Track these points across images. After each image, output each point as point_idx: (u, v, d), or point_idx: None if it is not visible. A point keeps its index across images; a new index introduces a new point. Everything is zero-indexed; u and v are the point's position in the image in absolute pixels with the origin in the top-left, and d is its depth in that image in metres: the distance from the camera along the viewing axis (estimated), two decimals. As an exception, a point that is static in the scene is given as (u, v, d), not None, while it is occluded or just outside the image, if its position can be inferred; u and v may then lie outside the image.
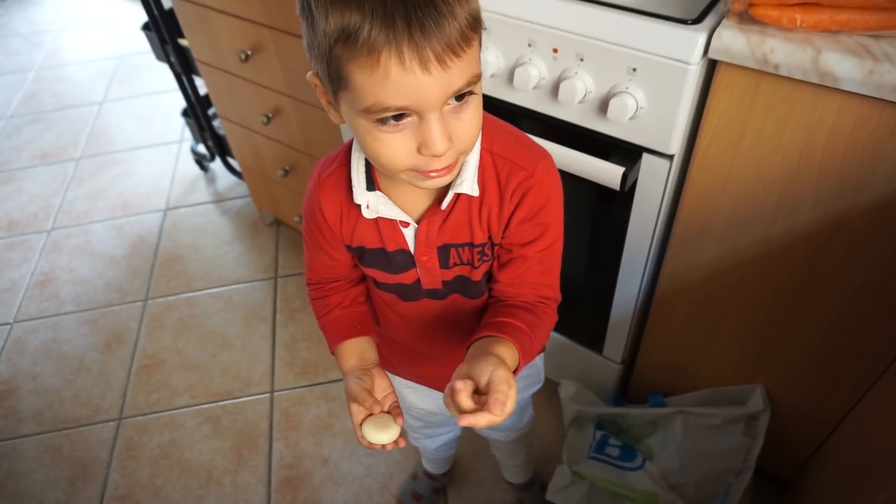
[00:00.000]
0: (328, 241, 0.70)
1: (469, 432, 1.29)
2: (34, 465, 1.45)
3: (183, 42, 1.66)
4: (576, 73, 0.84)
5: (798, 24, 0.68)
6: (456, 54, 0.48)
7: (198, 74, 1.66)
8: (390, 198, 0.64)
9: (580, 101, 0.85)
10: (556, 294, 0.70)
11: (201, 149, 2.07)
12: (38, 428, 1.52)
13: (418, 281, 0.70)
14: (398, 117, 0.51)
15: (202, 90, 1.81)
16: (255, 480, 1.38)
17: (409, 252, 0.67)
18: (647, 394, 1.24)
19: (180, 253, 1.91)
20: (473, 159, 0.62)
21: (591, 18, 0.79)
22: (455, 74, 0.49)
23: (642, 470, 1.14)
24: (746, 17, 0.72)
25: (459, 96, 0.52)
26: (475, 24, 0.50)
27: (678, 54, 0.75)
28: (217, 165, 2.16)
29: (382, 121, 0.51)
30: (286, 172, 1.57)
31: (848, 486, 0.90)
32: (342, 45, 0.48)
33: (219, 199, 2.07)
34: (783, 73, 0.70)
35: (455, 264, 0.68)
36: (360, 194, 0.64)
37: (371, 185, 0.64)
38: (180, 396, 1.55)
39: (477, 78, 0.52)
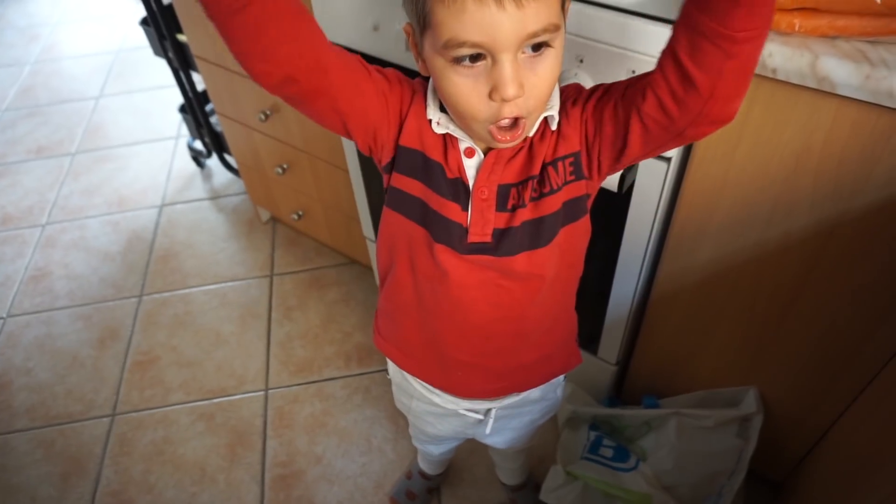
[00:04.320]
0: (397, 105, 0.63)
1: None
2: (26, 460, 1.44)
3: (181, 38, 1.65)
4: (575, 74, 0.84)
5: (796, 28, 0.69)
6: None
7: (196, 70, 1.65)
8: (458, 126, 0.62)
9: (579, 103, 0.86)
10: None
11: (198, 145, 2.07)
12: (31, 423, 1.51)
13: (465, 229, 0.64)
14: (473, 58, 0.53)
15: (200, 86, 1.81)
16: (249, 478, 1.37)
17: (468, 185, 0.63)
18: (641, 395, 1.24)
19: (176, 249, 1.90)
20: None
21: (591, 20, 0.80)
22: (530, 16, 0.50)
23: (636, 471, 1.14)
24: (745, 22, 0.72)
25: (536, 47, 0.53)
26: None
27: (677, 57, 0.75)
28: (214, 162, 2.15)
29: (458, 60, 0.53)
30: (283, 170, 1.56)
31: (840, 488, 0.91)
32: None
33: (215, 196, 2.07)
34: (781, 77, 0.70)
35: (514, 206, 0.63)
36: (433, 111, 0.62)
37: (443, 109, 0.62)
38: (174, 393, 1.55)
39: (554, 28, 0.52)
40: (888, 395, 0.85)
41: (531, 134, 0.62)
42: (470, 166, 0.63)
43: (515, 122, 0.56)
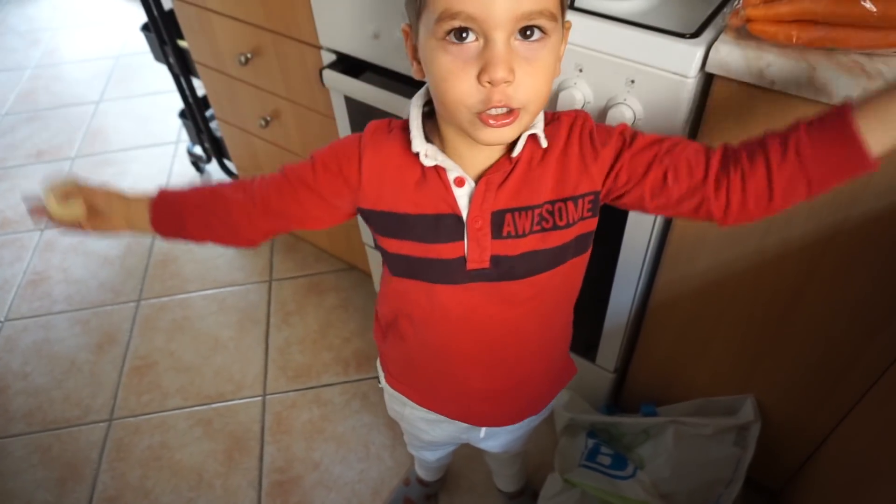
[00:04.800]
0: (336, 187, 0.65)
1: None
2: (23, 465, 1.44)
3: (182, 43, 1.66)
4: (575, 83, 0.85)
5: (794, 40, 0.69)
6: None
7: (196, 76, 1.66)
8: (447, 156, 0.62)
9: (578, 112, 0.86)
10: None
11: (198, 150, 2.07)
12: (28, 428, 1.51)
13: (463, 259, 0.63)
14: (465, 34, 0.51)
15: (200, 91, 1.81)
16: (246, 484, 1.37)
17: (461, 217, 0.62)
18: (639, 403, 1.25)
19: (175, 254, 1.90)
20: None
21: (591, 30, 0.80)
22: None
23: (633, 479, 1.14)
24: (744, 33, 0.73)
25: (529, 33, 0.52)
26: None
27: (676, 67, 0.76)
28: (213, 167, 2.15)
29: (449, 35, 0.52)
30: (283, 176, 1.57)
31: (837, 497, 0.91)
32: None
33: (214, 201, 2.07)
34: (779, 87, 0.71)
35: (509, 234, 0.62)
36: (419, 143, 0.61)
37: (428, 140, 0.62)
38: (172, 398, 1.54)
39: (550, 15, 0.52)
40: (885, 405, 0.86)
41: (516, 154, 0.60)
42: (461, 196, 0.62)
43: (509, 111, 0.54)
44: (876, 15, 0.64)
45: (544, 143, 0.61)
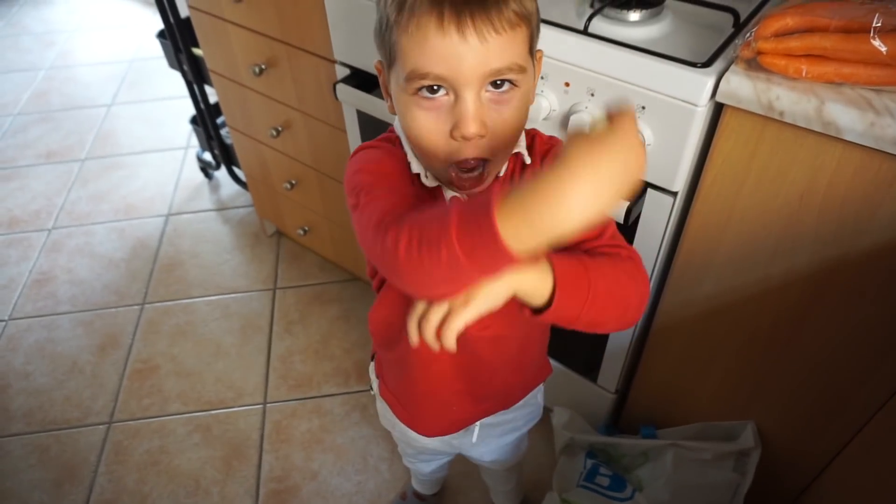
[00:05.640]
0: (397, 179, 0.61)
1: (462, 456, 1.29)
2: (20, 465, 1.44)
3: (197, 51, 1.68)
4: (585, 107, 0.86)
5: (803, 74, 0.70)
6: (495, 29, 0.50)
7: (209, 84, 1.68)
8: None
9: (589, 135, 0.87)
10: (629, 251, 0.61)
11: (207, 156, 2.09)
12: (27, 427, 1.51)
13: None
14: (435, 90, 0.52)
15: (212, 99, 1.83)
16: (243, 492, 1.37)
17: None
18: (639, 424, 1.25)
19: (180, 259, 1.92)
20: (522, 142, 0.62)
21: (604, 56, 0.82)
22: (493, 50, 0.50)
23: (632, 501, 1.14)
24: (754, 64, 0.74)
25: (499, 84, 0.53)
26: (522, 17, 0.51)
27: (687, 96, 0.77)
28: (222, 174, 2.17)
29: (420, 91, 0.53)
30: (292, 186, 1.58)
31: (835, 527, 0.91)
32: (395, 12, 0.51)
33: (221, 208, 2.09)
34: (787, 120, 0.72)
35: None
36: (417, 164, 0.61)
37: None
38: (172, 403, 1.55)
39: (519, 68, 0.52)
40: (887, 435, 0.86)
41: (502, 174, 0.62)
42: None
43: (480, 166, 0.56)
44: (885, 53, 0.65)
45: (528, 160, 0.63)
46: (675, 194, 0.88)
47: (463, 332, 0.58)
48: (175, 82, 2.58)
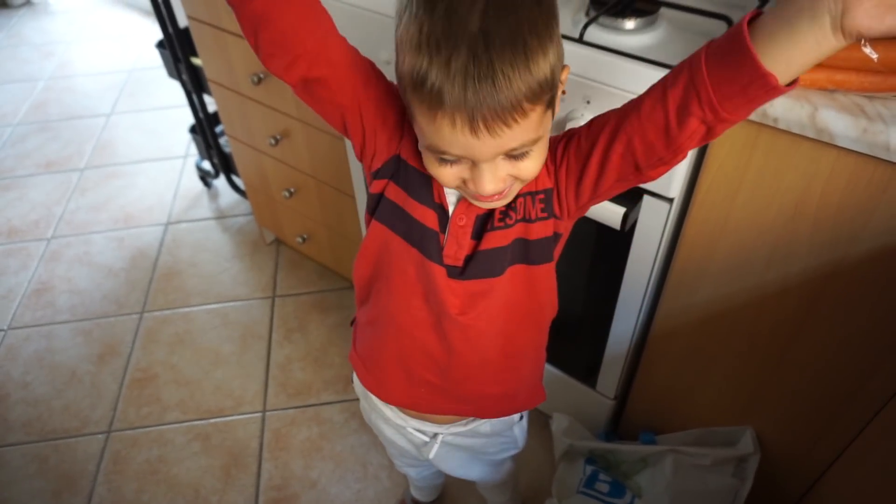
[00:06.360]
0: (383, 108, 0.63)
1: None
2: (19, 474, 1.44)
3: (196, 61, 1.69)
4: (582, 114, 0.87)
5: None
6: (507, 124, 0.51)
7: (208, 93, 1.69)
8: None
9: (585, 142, 0.88)
10: None
11: (206, 165, 2.09)
12: (26, 437, 1.51)
13: (441, 247, 0.66)
14: (454, 159, 0.56)
15: (211, 108, 1.84)
16: (243, 501, 1.37)
17: (447, 211, 0.65)
18: (638, 430, 1.25)
19: (179, 267, 1.92)
20: None
21: (599, 64, 0.82)
22: (506, 140, 0.52)
23: (631, 507, 1.14)
24: (748, 72, 0.75)
25: (516, 153, 0.55)
26: (537, 95, 0.51)
27: (682, 103, 0.77)
28: (221, 182, 2.18)
29: (440, 156, 0.56)
30: (290, 194, 1.59)
31: (835, 532, 0.91)
32: (412, 88, 0.52)
33: (220, 216, 2.09)
34: (782, 126, 0.73)
35: (491, 227, 0.64)
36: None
37: None
38: (171, 411, 1.54)
39: (533, 142, 0.55)
40: (884, 438, 0.86)
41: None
42: (451, 193, 0.65)
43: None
44: (876, 60, 0.66)
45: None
46: (671, 201, 0.88)
47: (440, 308, 0.67)
48: (174, 92, 2.59)
